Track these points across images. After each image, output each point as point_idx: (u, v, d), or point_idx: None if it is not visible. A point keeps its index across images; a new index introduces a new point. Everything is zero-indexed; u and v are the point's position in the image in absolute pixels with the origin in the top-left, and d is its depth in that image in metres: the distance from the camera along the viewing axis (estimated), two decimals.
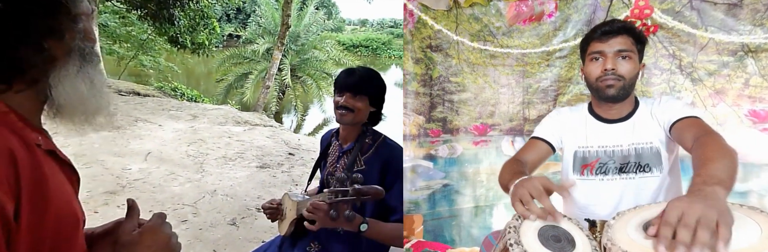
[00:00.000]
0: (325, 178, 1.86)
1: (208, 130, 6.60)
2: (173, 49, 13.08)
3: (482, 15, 1.74)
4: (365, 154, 1.73)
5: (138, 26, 14.19)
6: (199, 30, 10.90)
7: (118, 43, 15.33)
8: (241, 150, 5.79)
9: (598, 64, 1.37)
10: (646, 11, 1.59)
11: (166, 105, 8.29)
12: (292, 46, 15.91)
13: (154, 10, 8.98)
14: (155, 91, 11.03)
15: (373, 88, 1.71)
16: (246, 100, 13.71)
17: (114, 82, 10.82)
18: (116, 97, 8.67)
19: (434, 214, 1.85)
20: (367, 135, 1.75)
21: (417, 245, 1.84)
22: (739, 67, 1.50)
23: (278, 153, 5.87)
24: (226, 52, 16.16)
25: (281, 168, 5.28)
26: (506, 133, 1.78)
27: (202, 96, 12.44)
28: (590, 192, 1.45)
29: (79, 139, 5.45)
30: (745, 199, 1.46)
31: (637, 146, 1.40)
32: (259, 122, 8.00)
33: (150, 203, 3.82)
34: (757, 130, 1.49)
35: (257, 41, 16.22)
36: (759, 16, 1.47)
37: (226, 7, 26.35)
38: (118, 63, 15.88)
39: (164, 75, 16.04)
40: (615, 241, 0.84)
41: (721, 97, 1.54)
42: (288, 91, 14.99)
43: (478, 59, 1.77)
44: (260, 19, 17.16)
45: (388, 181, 1.69)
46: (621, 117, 1.43)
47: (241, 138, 6.34)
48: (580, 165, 1.45)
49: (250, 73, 14.75)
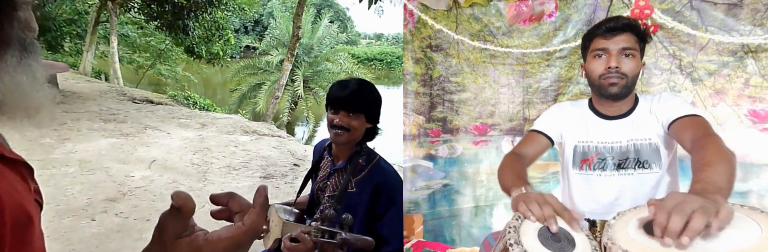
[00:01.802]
0: (315, 192, 1.81)
1: (215, 138, 6.66)
2: (190, 58, 13.42)
3: (482, 15, 1.78)
4: (357, 176, 1.68)
5: (157, 36, 14.66)
6: (214, 41, 11.16)
7: (137, 52, 15.82)
8: (246, 159, 5.83)
9: (601, 61, 1.38)
10: (646, 11, 1.61)
11: (177, 113, 8.41)
12: (306, 58, 16.21)
13: (170, 21, 9.23)
14: (168, 99, 11.24)
15: (368, 104, 1.66)
16: (258, 110, 13.98)
17: (129, 90, 11.04)
18: (129, 105, 8.85)
19: (434, 214, 1.86)
20: (361, 155, 1.71)
21: (417, 245, 1.85)
22: (739, 67, 1.51)
23: (283, 164, 5.89)
24: (240, 63, 16.56)
25: (285, 179, 5.28)
26: (506, 133, 1.80)
27: (214, 105, 12.66)
28: (588, 187, 1.46)
29: (87, 145, 5.56)
30: (745, 199, 1.46)
31: (636, 142, 1.41)
32: (267, 132, 8.06)
33: (149, 211, 3.82)
34: (757, 130, 1.49)
35: (272, 53, 16.57)
36: (759, 16, 1.48)
37: (244, 20, 26.93)
38: (136, 72, 16.33)
39: (181, 84, 16.43)
40: (615, 241, 0.85)
41: (721, 97, 1.54)
42: (300, 102, 15.22)
43: (478, 59, 1.80)
44: (275, 31, 17.55)
45: (380, 207, 1.64)
46: (621, 113, 1.44)
47: (247, 147, 6.39)
48: (579, 160, 1.47)
49: (263, 83, 15.06)
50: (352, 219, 1.31)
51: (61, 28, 13.05)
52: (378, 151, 1.81)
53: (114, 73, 13.89)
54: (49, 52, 13.51)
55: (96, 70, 15.18)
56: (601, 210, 1.45)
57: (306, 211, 1.86)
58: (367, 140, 1.75)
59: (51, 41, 12.70)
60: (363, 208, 1.65)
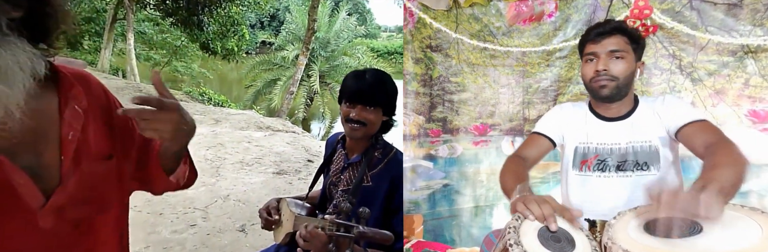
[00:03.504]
0: (327, 187, 1.80)
1: (229, 134, 6.76)
2: (205, 55, 13.65)
3: (482, 15, 1.82)
4: (373, 170, 1.65)
5: (173, 33, 14.94)
6: (229, 36, 11.33)
7: (154, 49, 16.14)
8: (259, 155, 5.90)
9: (591, 65, 1.41)
10: (646, 11, 1.63)
11: (191, 109, 8.57)
12: (322, 53, 16.23)
13: (184, 17, 9.41)
14: (184, 95, 11.48)
15: (386, 96, 1.62)
16: (273, 106, 14.06)
17: (145, 87, 11.29)
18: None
19: (434, 214, 1.92)
20: (376, 147, 1.67)
21: (417, 245, 1.91)
22: (739, 67, 1.53)
23: (297, 160, 5.95)
24: (256, 59, 16.66)
25: (298, 175, 5.32)
26: (506, 133, 1.84)
27: (229, 101, 12.86)
28: (587, 188, 1.49)
29: None
30: (745, 200, 1.48)
31: (636, 145, 1.43)
32: (282, 128, 8.16)
33: (161, 206, 3.93)
34: (757, 130, 1.51)
35: (287, 48, 16.65)
36: (759, 16, 1.50)
37: (260, 15, 27.12)
38: (152, 68, 16.67)
39: (197, 81, 16.69)
40: (615, 240, 0.88)
41: (721, 97, 1.56)
42: (316, 97, 15.28)
43: (478, 59, 1.84)
44: (291, 25, 17.60)
45: (397, 201, 1.64)
46: (620, 115, 1.47)
47: (260, 143, 6.48)
48: (579, 161, 1.50)
49: (279, 79, 15.15)
50: (369, 212, 1.28)
51: (80, 26, 13.39)
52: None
53: (131, 70, 14.20)
54: (69, 49, 13.89)
55: (114, 67, 15.56)
56: (600, 211, 1.48)
57: (318, 206, 1.85)
58: (383, 133, 1.72)
59: (70, 39, 13.06)
60: (379, 202, 1.63)
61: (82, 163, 0.90)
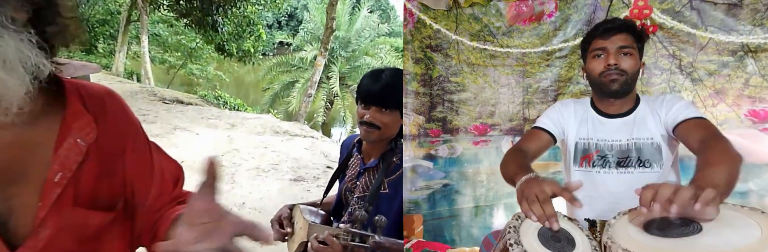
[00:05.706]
0: (342, 193, 1.79)
1: (245, 139, 6.92)
2: (221, 57, 13.97)
3: (482, 15, 1.93)
4: (390, 176, 1.63)
5: (187, 35, 15.30)
6: (245, 37, 11.57)
7: (169, 51, 16.54)
8: (275, 161, 6.00)
9: (600, 60, 1.49)
10: (646, 11, 1.72)
11: (206, 113, 8.83)
12: (342, 53, 16.24)
13: (199, 17, 9.69)
14: (199, 99, 11.77)
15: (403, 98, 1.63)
16: (291, 110, 14.13)
17: (159, 91, 11.64)
18: (159, 105, 9.37)
19: (434, 214, 2.02)
20: (395, 152, 1.65)
21: (417, 245, 2.02)
22: (739, 67, 1.61)
23: (315, 166, 6.02)
24: (273, 60, 16.73)
25: (317, 182, 5.36)
26: (506, 133, 1.95)
27: (245, 105, 13.08)
28: (588, 184, 1.56)
29: None
30: (745, 200, 1.55)
31: (638, 141, 1.50)
32: (299, 133, 8.33)
33: None
34: (757, 130, 1.59)
35: (306, 48, 16.74)
36: (759, 16, 1.58)
37: (277, 14, 27.40)
38: (167, 72, 17.08)
39: (213, 84, 17.00)
40: (615, 240, 0.91)
41: (721, 97, 1.65)
42: (336, 100, 15.25)
43: (478, 59, 1.96)
44: (309, 24, 17.69)
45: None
46: (622, 112, 1.54)
47: (277, 149, 6.60)
48: (580, 157, 1.57)
49: (297, 81, 15.20)
50: (386, 221, 1.27)
51: (94, 28, 13.88)
52: None
53: (145, 74, 14.54)
54: (83, 53, 14.37)
55: (128, 71, 15.98)
56: (601, 207, 1.55)
57: (332, 213, 1.84)
58: (402, 136, 1.71)
59: (85, 42, 13.54)
60: (396, 210, 1.63)
61: (63, 211, 0.77)
